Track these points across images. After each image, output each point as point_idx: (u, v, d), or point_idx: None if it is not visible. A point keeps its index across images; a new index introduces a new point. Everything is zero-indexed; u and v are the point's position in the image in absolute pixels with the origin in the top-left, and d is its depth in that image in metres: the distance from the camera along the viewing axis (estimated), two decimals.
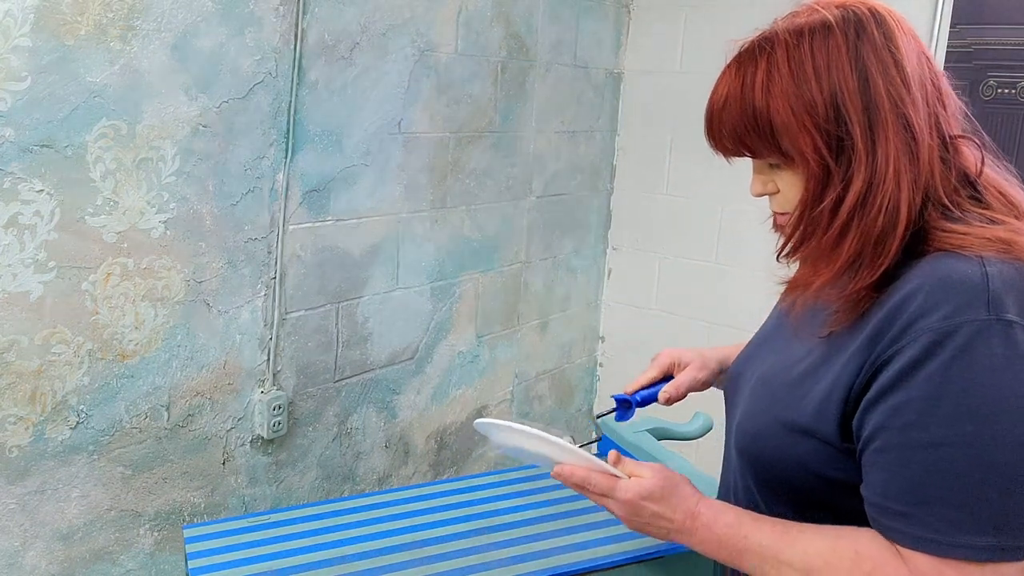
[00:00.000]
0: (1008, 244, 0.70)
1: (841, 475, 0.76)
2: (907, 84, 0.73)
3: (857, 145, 0.72)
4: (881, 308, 0.72)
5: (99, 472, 1.48)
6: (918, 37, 0.78)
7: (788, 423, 0.79)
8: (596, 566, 1.24)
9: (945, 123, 0.76)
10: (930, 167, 0.73)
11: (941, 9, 2.01)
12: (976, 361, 0.66)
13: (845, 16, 0.75)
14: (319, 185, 1.74)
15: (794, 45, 0.75)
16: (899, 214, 0.72)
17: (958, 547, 0.66)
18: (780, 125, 0.75)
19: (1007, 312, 0.67)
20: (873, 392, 0.71)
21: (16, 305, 1.32)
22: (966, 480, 0.66)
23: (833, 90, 0.73)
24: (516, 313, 2.39)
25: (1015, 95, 1.92)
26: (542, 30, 2.27)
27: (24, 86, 1.26)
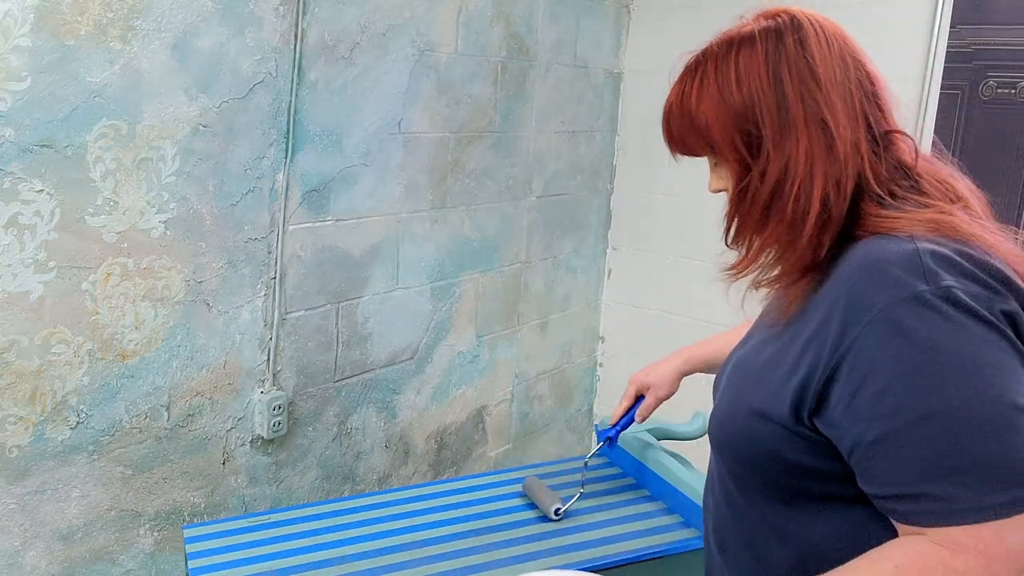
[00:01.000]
0: (937, 223, 0.76)
1: (802, 458, 0.79)
2: (821, 87, 0.80)
3: (768, 142, 0.80)
4: (826, 294, 0.77)
5: (99, 472, 1.48)
6: (849, 41, 0.85)
7: (751, 408, 0.83)
8: (596, 566, 1.24)
9: (876, 121, 0.82)
10: (854, 162, 0.79)
11: (941, 9, 2.01)
12: (935, 328, 0.69)
13: (767, 27, 0.83)
14: (319, 185, 1.74)
15: (722, 56, 0.84)
16: (811, 203, 0.78)
17: (984, 509, 0.67)
18: (706, 126, 0.84)
19: (944, 280, 0.70)
20: (844, 389, 0.73)
21: (16, 305, 1.32)
22: (966, 443, 0.68)
23: (750, 94, 0.81)
24: (516, 313, 2.39)
25: (1015, 95, 1.92)
26: (542, 30, 2.27)
27: (24, 86, 1.26)
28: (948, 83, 2.00)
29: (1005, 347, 0.70)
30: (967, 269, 0.72)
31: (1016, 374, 0.70)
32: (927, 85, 2.05)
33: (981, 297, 0.71)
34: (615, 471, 1.54)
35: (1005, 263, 0.74)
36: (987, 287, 0.71)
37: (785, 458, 0.80)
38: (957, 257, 0.72)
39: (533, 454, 2.57)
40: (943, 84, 2.01)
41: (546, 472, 1.54)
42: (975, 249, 0.74)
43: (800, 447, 0.79)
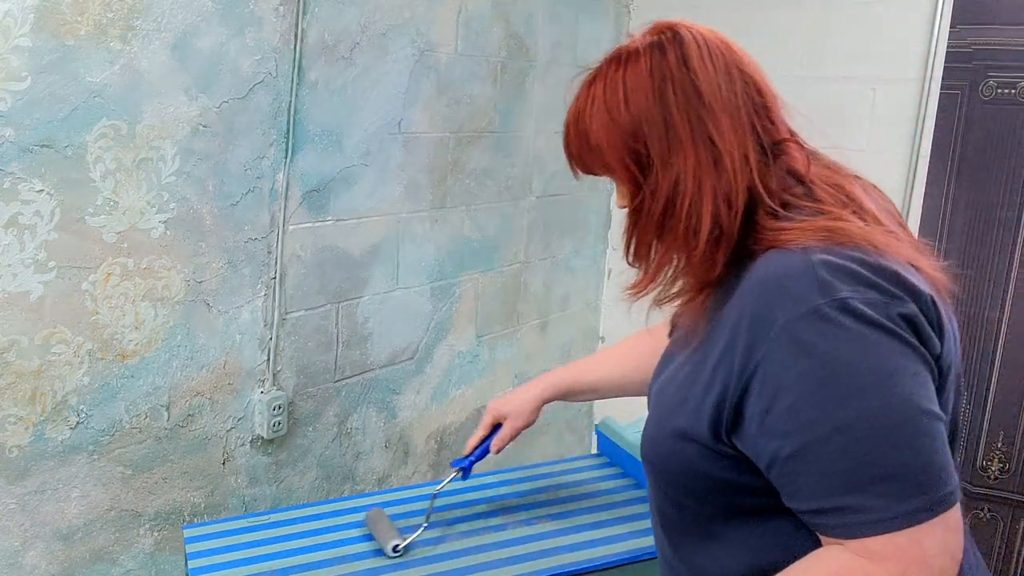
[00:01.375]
0: (830, 231, 0.75)
1: (727, 475, 0.80)
2: (704, 103, 0.79)
3: (656, 161, 0.80)
4: (730, 312, 0.78)
5: (99, 472, 1.48)
6: (736, 52, 0.84)
7: (674, 429, 0.83)
8: (596, 566, 1.24)
9: (766, 132, 0.82)
10: (743, 175, 0.79)
11: (941, 9, 2.01)
12: (835, 341, 0.70)
13: (652, 43, 0.83)
14: (319, 185, 1.74)
15: (611, 75, 0.84)
16: (702, 220, 0.78)
17: (898, 517, 0.68)
18: (599, 147, 0.84)
19: (839, 291, 0.71)
20: (756, 407, 0.74)
21: (16, 305, 1.32)
22: (876, 452, 0.69)
23: (637, 113, 0.81)
24: (516, 313, 2.39)
25: (1015, 95, 1.92)
26: (542, 30, 2.27)
27: (24, 86, 1.26)
28: (948, 83, 2.00)
29: (906, 352, 0.71)
30: (862, 276, 0.72)
31: (919, 378, 0.71)
32: (927, 85, 2.05)
33: (878, 304, 0.71)
34: (615, 471, 1.55)
35: (900, 264, 0.75)
36: (883, 292, 0.72)
37: (711, 475, 0.81)
38: (851, 264, 0.72)
39: (533, 454, 2.57)
40: (943, 84, 2.01)
41: (545, 472, 1.54)
42: (869, 254, 0.74)
43: (724, 464, 0.80)
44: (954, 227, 2.02)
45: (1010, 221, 1.94)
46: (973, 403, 2.04)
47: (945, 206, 2.03)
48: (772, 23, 2.27)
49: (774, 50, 2.29)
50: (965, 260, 2.01)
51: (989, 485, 2.05)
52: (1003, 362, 1.99)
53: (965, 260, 2.01)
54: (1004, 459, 2.02)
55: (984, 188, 1.97)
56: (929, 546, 0.68)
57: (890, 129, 2.13)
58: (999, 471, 2.03)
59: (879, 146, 2.16)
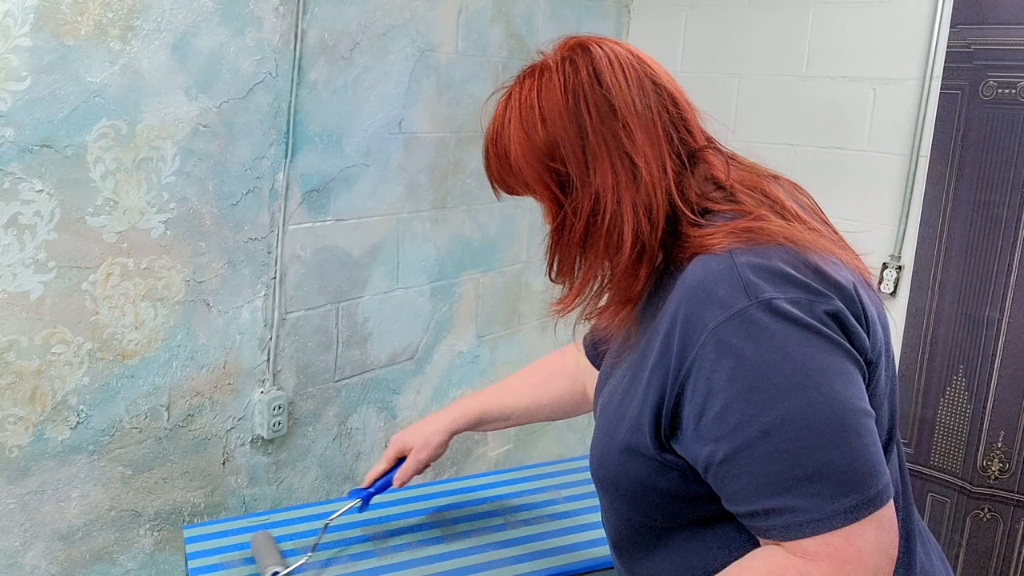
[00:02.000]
0: (751, 231, 0.76)
1: (674, 486, 0.80)
2: (619, 117, 0.79)
3: (575, 180, 0.81)
4: (662, 321, 0.78)
5: (99, 472, 1.48)
6: (648, 63, 0.84)
7: (621, 445, 0.83)
8: (596, 566, 1.24)
9: (682, 142, 0.82)
10: (662, 188, 0.79)
11: (941, 9, 2.01)
12: (762, 343, 0.70)
13: (564, 59, 0.83)
14: (319, 185, 1.74)
15: (526, 92, 0.83)
16: (623, 236, 0.79)
17: (830, 517, 0.68)
18: (518, 168, 0.84)
19: (764, 292, 0.71)
20: (690, 412, 0.74)
21: (16, 305, 1.32)
22: (806, 453, 0.69)
23: (552, 131, 0.81)
24: (516, 313, 2.39)
25: (1015, 95, 1.91)
26: (542, 30, 2.27)
27: (24, 86, 1.26)
28: (948, 83, 2.00)
29: (832, 350, 0.71)
30: (786, 274, 0.72)
31: (847, 376, 0.71)
32: (927, 85, 2.05)
33: (802, 303, 0.71)
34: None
35: (822, 258, 0.75)
36: (807, 290, 0.72)
37: (660, 488, 0.81)
38: (775, 263, 0.73)
39: (533, 454, 2.57)
40: (943, 84, 2.01)
41: (545, 472, 1.54)
42: (790, 251, 0.75)
43: (672, 476, 0.80)
44: (954, 227, 2.02)
45: (1010, 221, 1.94)
46: (973, 403, 2.04)
47: (945, 206, 2.03)
48: (772, 23, 2.27)
49: (774, 50, 2.29)
50: (965, 260, 2.01)
51: (989, 485, 2.05)
52: (1003, 362, 1.99)
53: (965, 260, 2.01)
54: (1004, 459, 2.02)
55: (984, 188, 1.97)
56: (863, 545, 0.69)
57: (890, 129, 2.13)
58: (999, 471, 2.03)
59: (879, 146, 2.16)
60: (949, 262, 2.03)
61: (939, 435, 2.10)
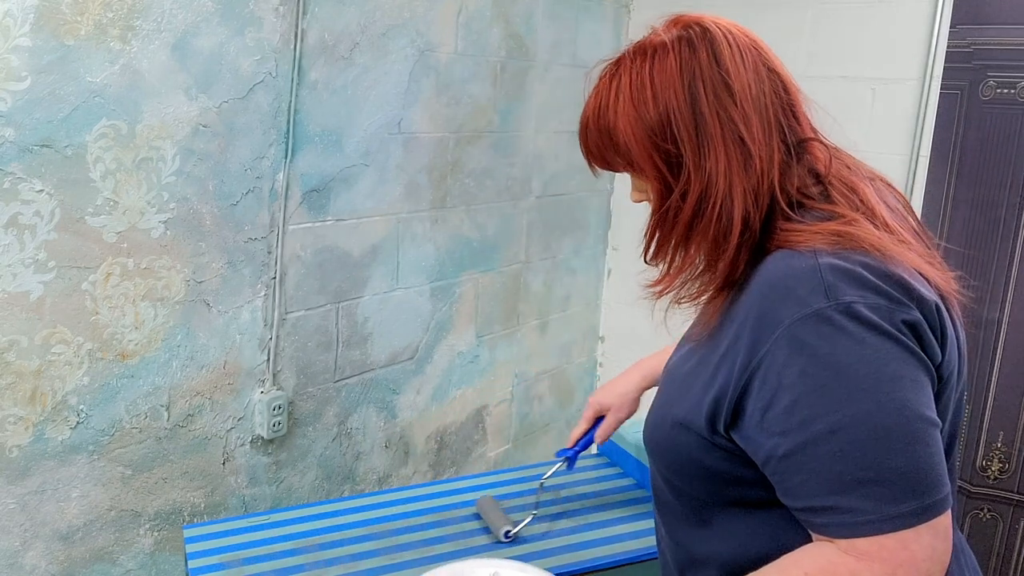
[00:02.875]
0: (840, 236, 0.76)
1: (722, 466, 0.81)
2: (736, 101, 0.78)
3: (687, 162, 0.79)
4: (738, 310, 0.78)
5: (99, 472, 1.48)
6: (763, 50, 0.83)
7: (675, 418, 0.85)
8: (596, 566, 1.24)
9: (791, 130, 0.81)
10: (769, 176, 0.78)
11: (941, 9, 2.01)
12: (837, 344, 0.70)
13: (680, 38, 0.82)
14: (319, 185, 1.74)
15: (637, 69, 0.82)
16: (733, 222, 0.78)
17: (888, 520, 0.69)
18: (624, 144, 0.82)
19: (844, 295, 0.71)
20: (756, 404, 0.75)
21: (16, 305, 1.32)
22: (871, 455, 0.69)
23: (666, 111, 0.79)
24: (516, 313, 2.39)
25: (1015, 95, 1.91)
26: (541, 30, 2.27)
27: (24, 86, 1.26)
28: (948, 83, 2.00)
29: (906, 358, 0.71)
30: (868, 281, 0.72)
31: (918, 384, 0.71)
32: (927, 85, 2.05)
33: (882, 309, 0.71)
34: (615, 471, 1.54)
35: (907, 271, 0.75)
36: (888, 298, 0.72)
37: (707, 465, 0.82)
38: (858, 269, 0.73)
39: (533, 454, 2.57)
40: (943, 84, 2.01)
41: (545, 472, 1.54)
42: (876, 259, 0.74)
43: (719, 456, 0.81)
44: (954, 227, 2.02)
45: (1010, 221, 1.94)
46: (973, 403, 2.04)
47: (945, 206, 2.03)
48: (772, 23, 2.27)
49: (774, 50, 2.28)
50: (965, 260, 2.01)
51: (989, 485, 2.05)
52: (1003, 362, 1.99)
53: (965, 260, 2.01)
54: (1004, 459, 2.02)
55: (984, 188, 1.97)
56: (917, 550, 0.69)
57: (890, 129, 2.13)
58: (999, 471, 2.03)
59: (879, 146, 2.16)
60: (949, 262, 2.03)
61: None
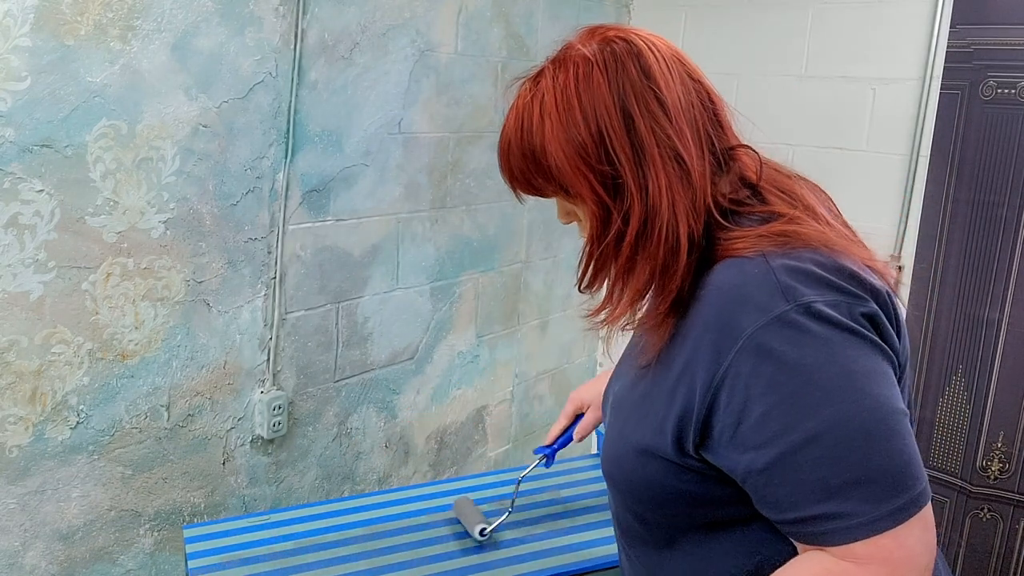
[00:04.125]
0: (785, 235, 0.74)
1: (693, 488, 0.78)
2: (670, 116, 0.75)
3: (628, 184, 0.75)
4: (691, 325, 0.75)
5: (99, 472, 1.48)
6: (682, 58, 0.80)
7: (635, 446, 0.81)
8: (596, 566, 1.24)
9: (719, 139, 0.79)
10: (704, 188, 0.76)
11: (941, 9, 2.01)
12: (803, 347, 0.69)
13: (605, 52, 0.78)
14: (319, 185, 1.74)
15: (560, 87, 0.77)
16: (680, 242, 0.75)
17: (880, 519, 0.67)
18: (555, 167, 0.77)
19: (802, 295, 0.70)
20: (726, 420, 0.72)
21: (16, 305, 1.32)
22: (852, 458, 0.68)
23: (599, 130, 0.75)
24: (516, 313, 2.39)
25: (1015, 95, 1.91)
26: (542, 30, 2.27)
27: (24, 86, 1.26)
28: (948, 83, 2.00)
29: (872, 352, 0.70)
30: (822, 278, 0.71)
31: (885, 377, 0.70)
32: (927, 85, 2.05)
33: (840, 305, 0.70)
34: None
35: (856, 263, 0.74)
36: (844, 293, 0.71)
37: (679, 489, 0.79)
38: (811, 267, 0.72)
39: None
40: (943, 84, 2.01)
41: (545, 472, 1.54)
42: (825, 255, 0.73)
43: (691, 478, 0.78)
44: (954, 227, 2.02)
45: (1010, 221, 1.94)
46: (973, 403, 2.04)
47: (945, 206, 2.03)
48: (772, 23, 2.27)
49: (774, 50, 2.29)
50: (965, 260, 2.01)
51: (989, 485, 2.05)
52: (1003, 362, 1.99)
53: (965, 260, 2.01)
54: (1004, 459, 2.02)
55: (984, 188, 1.97)
56: (912, 545, 0.68)
57: (890, 129, 2.13)
58: (999, 471, 2.03)
59: (879, 146, 2.16)
60: (949, 262, 2.03)
61: (939, 435, 2.09)
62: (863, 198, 2.18)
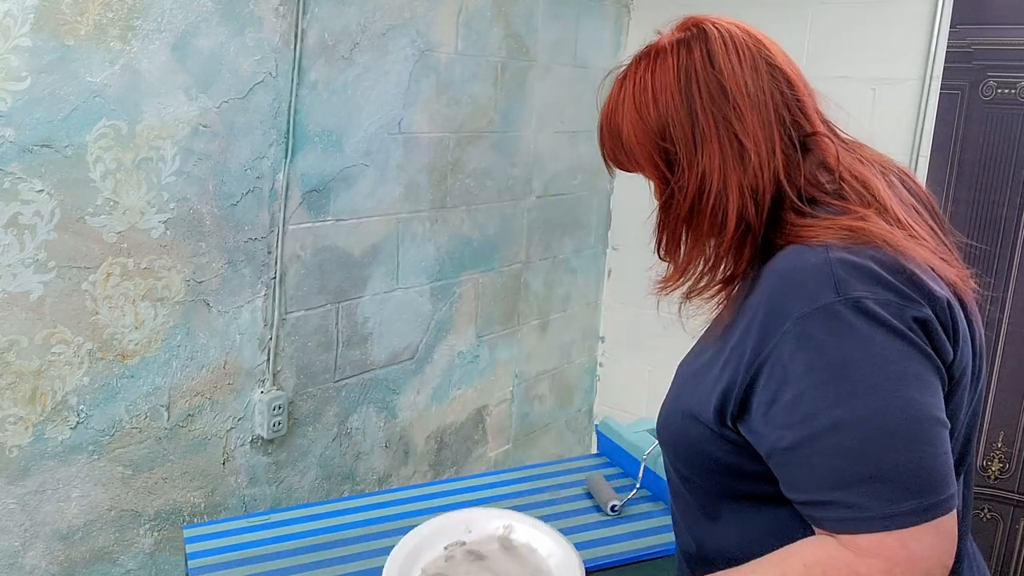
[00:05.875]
0: (852, 231, 0.76)
1: (730, 459, 0.82)
2: (730, 100, 0.81)
3: (682, 159, 0.82)
4: (749, 304, 0.79)
5: (99, 472, 1.48)
6: (765, 45, 0.86)
7: (685, 410, 0.86)
8: (596, 566, 1.24)
9: (795, 126, 0.83)
10: (771, 169, 0.80)
11: (941, 9, 2.01)
12: (844, 340, 0.71)
13: (679, 40, 0.85)
14: (319, 185, 1.74)
15: (640, 73, 0.86)
16: (727, 217, 0.80)
17: (888, 517, 0.69)
18: (630, 146, 0.86)
19: (854, 290, 0.71)
20: (762, 397, 0.75)
21: (16, 305, 1.32)
22: (874, 452, 0.69)
23: (665, 112, 0.83)
24: (516, 313, 2.39)
25: (1015, 95, 1.92)
26: (542, 30, 2.27)
27: (24, 86, 1.26)
28: (948, 83, 2.00)
29: (914, 356, 0.71)
30: (879, 276, 0.72)
31: (924, 382, 0.71)
32: (927, 85, 2.05)
33: (892, 305, 0.71)
34: (615, 471, 1.54)
35: (919, 267, 0.75)
36: (898, 294, 0.72)
37: (715, 457, 0.83)
38: (869, 264, 0.73)
39: (533, 454, 2.57)
40: (943, 84, 2.01)
41: (545, 472, 1.54)
42: (887, 255, 0.74)
43: (727, 448, 0.81)
44: (954, 227, 2.02)
45: (1010, 221, 1.94)
46: None
47: (945, 206, 2.03)
48: (771, 23, 2.27)
49: None
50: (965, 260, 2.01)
51: (989, 485, 2.05)
52: (1003, 362, 1.99)
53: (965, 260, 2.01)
54: (1004, 459, 2.02)
55: (984, 188, 1.97)
56: (916, 549, 0.69)
57: (890, 129, 2.13)
58: (999, 471, 2.03)
59: (879, 146, 2.14)
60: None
61: None
62: None
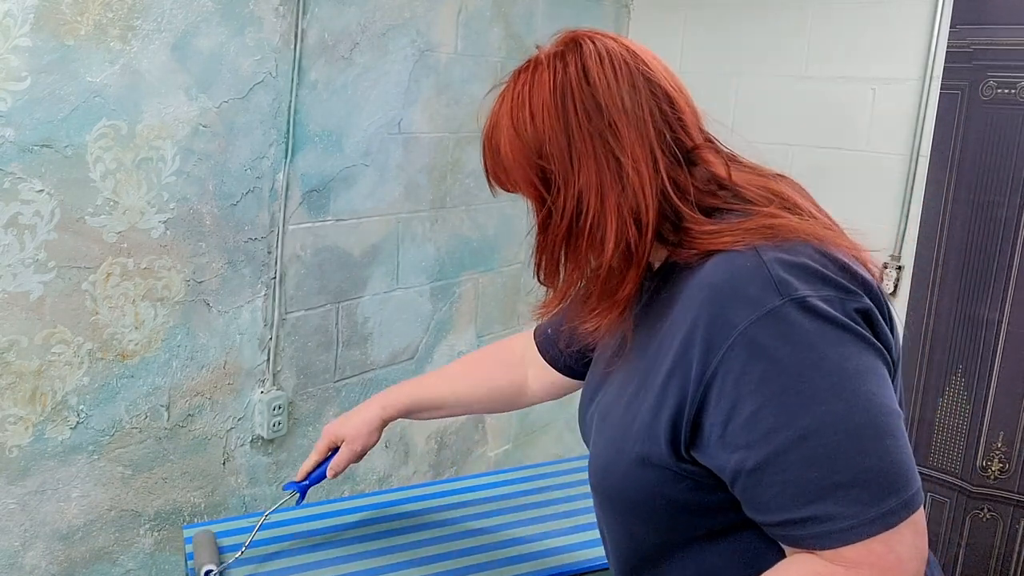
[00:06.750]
0: (771, 228, 0.73)
1: (690, 496, 0.77)
2: (605, 117, 0.77)
3: (558, 178, 0.78)
4: (677, 322, 0.74)
5: (99, 472, 1.48)
6: (643, 60, 0.80)
7: (629, 455, 0.79)
8: (596, 566, 1.24)
9: (676, 140, 0.78)
10: (654, 187, 0.76)
11: (941, 9, 2.01)
12: (796, 343, 0.67)
13: (555, 54, 0.81)
14: (319, 185, 1.74)
15: (519, 88, 0.82)
16: (607, 238, 0.76)
17: (872, 521, 0.66)
18: (507, 163, 0.82)
19: (796, 290, 0.68)
20: (715, 418, 0.71)
21: (16, 305, 1.32)
22: (845, 456, 0.66)
23: (541, 129, 0.79)
24: (516, 313, 2.39)
25: (1015, 95, 1.92)
26: (541, 30, 2.27)
27: (24, 86, 1.26)
28: (948, 83, 2.00)
29: (864, 349, 0.69)
30: (816, 271, 0.70)
31: (880, 376, 0.69)
32: (927, 85, 2.05)
33: (834, 300, 0.69)
34: None
35: (847, 256, 0.73)
36: (838, 288, 0.70)
37: (673, 499, 0.78)
38: (804, 260, 0.70)
39: (533, 454, 2.57)
40: (943, 84, 2.01)
41: (545, 472, 1.54)
42: (816, 248, 0.72)
43: (687, 486, 0.76)
44: (954, 227, 2.02)
45: (1010, 221, 1.94)
46: (973, 403, 2.04)
47: (945, 206, 2.03)
48: (771, 23, 2.27)
49: (774, 50, 2.29)
50: (965, 260, 2.01)
51: (989, 485, 2.05)
52: (1003, 362, 1.99)
53: (965, 260, 2.01)
54: (1004, 459, 2.02)
55: (984, 188, 1.97)
56: (902, 551, 0.66)
57: (890, 129, 2.13)
58: (999, 471, 2.03)
59: (879, 146, 2.16)
60: (949, 262, 2.03)
61: (938, 435, 2.10)
62: (863, 198, 2.18)
